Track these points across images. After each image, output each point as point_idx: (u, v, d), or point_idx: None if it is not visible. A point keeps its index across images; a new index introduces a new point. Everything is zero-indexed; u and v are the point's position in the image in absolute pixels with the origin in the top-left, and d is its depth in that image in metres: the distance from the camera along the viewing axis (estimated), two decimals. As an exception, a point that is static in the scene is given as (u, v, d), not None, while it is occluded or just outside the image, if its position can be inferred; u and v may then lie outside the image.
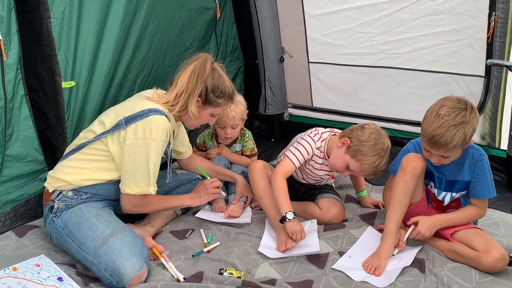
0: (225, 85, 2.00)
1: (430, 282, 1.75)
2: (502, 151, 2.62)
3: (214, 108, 2.02)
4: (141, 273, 1.74)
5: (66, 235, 1.85)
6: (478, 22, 2.45)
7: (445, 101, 1.77)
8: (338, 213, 2.21)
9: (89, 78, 2.21)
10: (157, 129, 1.84)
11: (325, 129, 2.23)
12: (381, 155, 1.98)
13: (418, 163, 1.89)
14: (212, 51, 3.00)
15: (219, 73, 2.00)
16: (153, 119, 1.85)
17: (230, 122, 2.47)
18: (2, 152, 1.99)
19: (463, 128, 1.70)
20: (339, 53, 2.99)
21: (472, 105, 1.75)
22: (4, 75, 1.92)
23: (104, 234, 1.80)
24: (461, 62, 2.60)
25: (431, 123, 1.74)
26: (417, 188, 1.95)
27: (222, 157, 2.57)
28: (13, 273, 1.69)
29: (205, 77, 1.94)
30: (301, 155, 2.11)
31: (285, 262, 1.92)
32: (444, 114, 1.71)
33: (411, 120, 2.92)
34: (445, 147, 1.72)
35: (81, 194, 1.92)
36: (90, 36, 2.17)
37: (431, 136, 1.73)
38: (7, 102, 1.96)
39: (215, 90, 1.97)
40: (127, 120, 1.86)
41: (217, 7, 2.91)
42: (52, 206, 1.90)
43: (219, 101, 2.00)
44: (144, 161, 1.85)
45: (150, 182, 1.89)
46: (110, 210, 1.98)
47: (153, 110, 1.88)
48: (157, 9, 2.48)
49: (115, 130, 1.88)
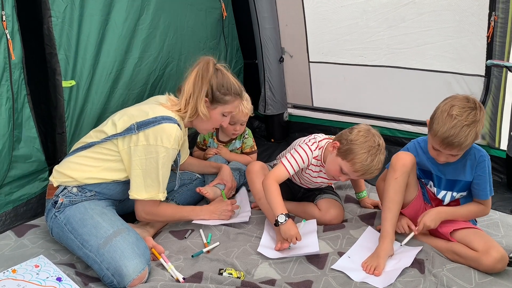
0: (230, 82, 2.02)
1: (429, 282, 1.75)
2: (502, 151, 2.62)
3: (223, 106, 2.04)
4: (142, 274, 1.74)
5: (68, 231, 1.85)
6: (480, 20, 2.45)
7: (454, 101, 1.76)
8: (337, 213, 2.21)
9: (90, 77, 2.21)
10: (169, 138, 1.87)
11: (323, 137, 2.20)
12: (371, 152, 1.94)
13: (407, 160, 1.90)
14: (222, 51, 3.01)
15: (223, 72, 2.03)
16: (165, 127, 1.87)
17: (243, 118, 2.51)
18: (10, 153, 2.00)
19: (475, 127, 1.72)
20: (339, 52, 2.99)
21: (480, 103, 1.77)
22: (12, 75, 1.93)
23: (108, 233, 1.80)
24: (462, 59, 2.60)
25: (443, 123, 1.74)
26: (411, 185, 1.96)
27: (220, 156, 2.57)
28: (12, 275, 1.69)
29: (209, 77, 1.97)
30: (296, 163, 2.10)
31: (285, 262, 1.92)
32: (457, 115, 1.72)
33: (411, 119, 2.92)
34: (459, 147, 1.74)
35: (86, 191, 1.93)
36: (91, 35, 2.17)
37: (444, 137, 1.73)
38: (14, 102, 1.96)
39: (220, 88, 1.99)
40: (139, 125, 1.88)
41: (222, 6, 2.91)
42: (56, 201, 1.90)
43: (226, 98, 2.02)
44: (154, 168, 1.88)
45: (160, 188, 1.92)
46: (113, 210, 1.98)
47: (166, 117, 1.90)
48: (166, 8, 2.48)
49: (126, 134, 1.89)
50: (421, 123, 2.87)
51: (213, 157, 2.56)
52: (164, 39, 2.50)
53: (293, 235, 1.91)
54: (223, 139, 2.67)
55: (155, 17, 2.40)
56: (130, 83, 2.39)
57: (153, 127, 1.87)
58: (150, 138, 1.86)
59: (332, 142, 2.05)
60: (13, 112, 1.96)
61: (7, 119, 1.94)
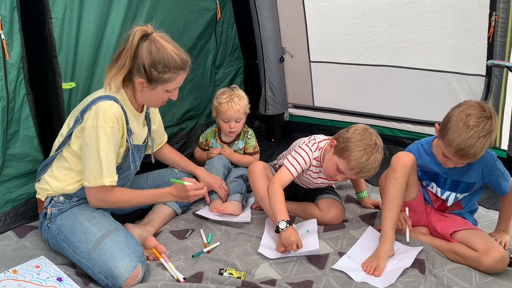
0: (167, 56, 1.78)
1: (430, 282, 1.75)
2: (502, 151, 2.61)
3: (164, 85, 1.84)
4: (135, 272, 1.73)
5: (61, 240, 1.85)
6: (481, 20, 2.44)
7: (470, 110, 1.71)
8: (338, 214, 2.21)
9: (89, 79, 2.22)
10: (104, 116, 1.75)
11: (323, 137, 2.20)
12: (367, 150, 1.93)
13: (407, 160, 1.89)
14: (212, 51, 3.00)
15: (158, 45, 1.78)
16: (99, 105, 1.77)
17: (235, 115, 2.50)
18: (4, 152, 2.00)
19: (491, 137, 1.70)
20: (340, 52, 2.99)
21: (493, 111, 1.74)
22: (7, 75, 1.92)
23: (97, 237, 1.79)
24: (463, 58, 2.59)
25: (458, 133, 1.69)
26: (411, 186, 1.95)
27: (223, 156, 2.57)
28: (13, 276, 1.70)
29: (132, 52, 1.77)
30: (299, 164, 2.10)
31: (285, 262, 1.92)
32: (474, 125, 1.67)
33: (412, 118, 2.91)
34: (474, 157, 1.73)
35: (72, 197, 1.92)
36: (90, 37, 2.17)
37: (460, 148, 1.70)
38: (9, 102, 1.96)
39: (156, 66, 1.78)
40: (81, 112, 1.83)
41: (217, 7, 2.91)
42: (46, 212, 1.90)
43: (166, 76, 1.81)
44: (94, 151, 1.77)
45: (103, 172, 1.78)
46: (104, 212, 1.94)
47: (102, 96, 1.80)
48: (159, 9, 2.48)
49: (74, 127, 1.84)
50: (422, 123, 2.87)
51: (216, 157, 2.56)
52: None
53: (294, 242, 1.91)
54: (225, 139, 2.67)
55: (148, 18, 2.40)
56: None
57: (89, 109, 1.78)
58: (88, 120, 1.77)
59: (330, 141, 2.06)
60: (7, 111, 1.96)
61: (0, 118, 1.94)
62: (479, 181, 1.92)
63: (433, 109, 2.79)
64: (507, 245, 1.94)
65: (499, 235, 1.98)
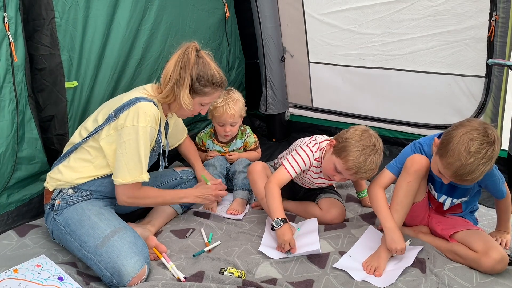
0: (211, 73, 1.94)
1: (431, 282, 1.75)
2: (503, 151, 2.61)
3: (201, 97, 1.98)
4: (141, 272, 1.74)
5: (67, 233, 1.85)
6: (479, 23, 2.44)
7: (473, 133, 1.64)
8: (339, 213, 2.21)
9: (93, 78, 2.22)
10: (145, 116, 1.84)
11: (324, 138, 2.20)
12: (365, 151, 1.92)
13: (422, 166, 1.85)
14: (225, 52, 3.00)
15: (205, 61, 1.95)
16: (139, 106, 1.85)
17: (230, 120, 2.50)
18: (14, 155, 2.00)
19: (491, 163, 1.66)
20: (339, 53, 2.99)
21: (497, 135, 1.69)
22: (15, 77, 1.92)
23: (106, 233, 1.80)
24: (461, 63, 2.59)
25: (458, 158, 1.63)
26: (420, 189, 1.93)
27: (220, 157, 2.59)
28: (14, 275, 1.70)
29: (191, 66, 1.90)
30: (298, 165, 2.10)
31: (286, 261, 1.93)
32: (475, 152, 1.61)
33: (411, 121, 2.91)
34: (471, 182, 1.69)
35: (81, 191, 1.93)
36: (96, 36, 2.17)
37: (458, 174, 1.66)
38: (18, 104, 1.96)
39: (200, 79, 1.93)
40: (116, 111, 1.88)
41: (225, 6, 2.91)
42: (53, 204, 1.91)
43: (206, 90, 1.96)
44: (134, 149, 1.84)
45: (143, 169, 1.88)
46: (111, 209, 1.98)
47: (140, 98, 1.89)
48: (168, 8, 2.47)
49: (106, 124, 1.88)
50: (421, 125, 2.87)
51: (214, 158, 2.57)
52: (165, 39, 2.50)
53: (287, 241, 1.92)
54: (222, 139, 2.67)
55: (157, 17, 2.40)
56: (131, 83, 2.39)
57: (128, 108, 1.85)
58: (128, 119, 1.84)
59: (330, 141, 2.06)
60: (17, 114, 1.96)
61: (11, 121, 1.95)
62: (475, 185, 1.90)
63: (433, 112, 2.79)
64: (508, 244, 1.94)
65: (500, 234, 1.98)
